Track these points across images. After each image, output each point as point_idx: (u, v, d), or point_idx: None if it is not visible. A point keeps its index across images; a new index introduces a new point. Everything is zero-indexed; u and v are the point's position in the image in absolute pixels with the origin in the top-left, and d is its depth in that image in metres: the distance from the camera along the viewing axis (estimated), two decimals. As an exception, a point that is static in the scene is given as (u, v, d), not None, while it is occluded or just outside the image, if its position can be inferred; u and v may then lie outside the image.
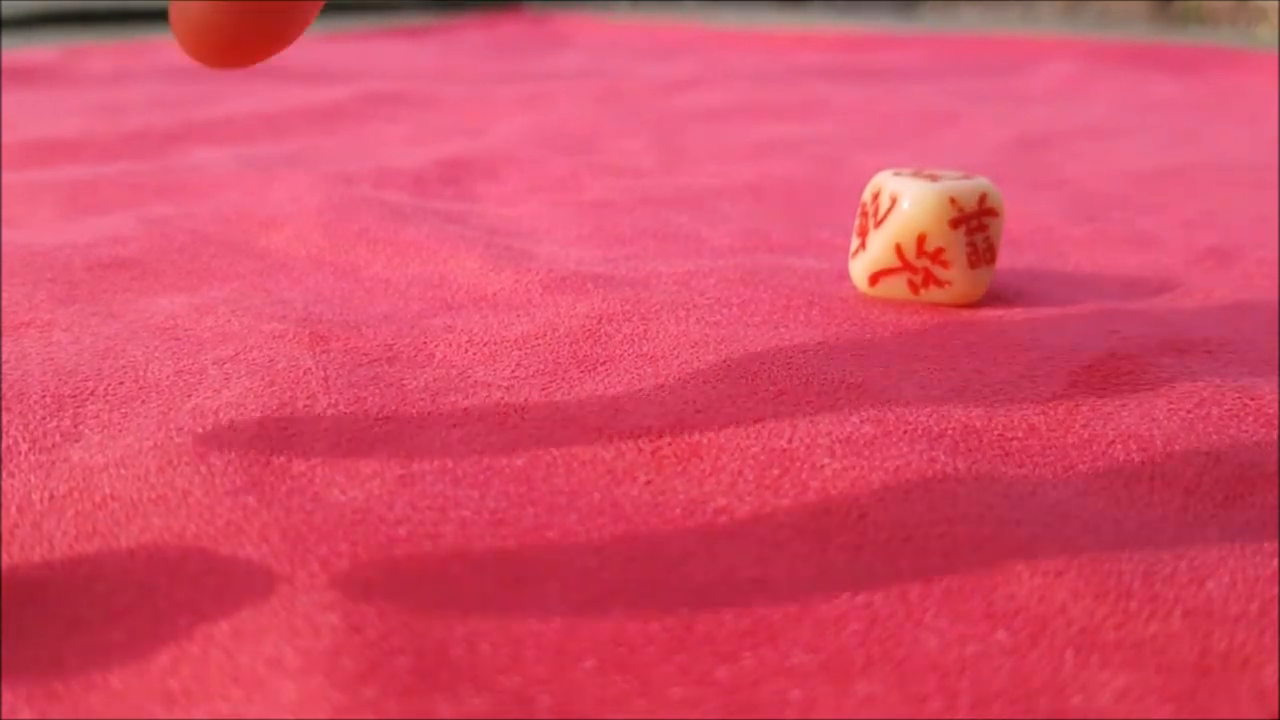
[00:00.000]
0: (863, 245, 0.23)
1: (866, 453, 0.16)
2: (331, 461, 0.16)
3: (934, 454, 0.16)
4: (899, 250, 0.23)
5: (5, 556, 0.14)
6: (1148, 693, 0.11)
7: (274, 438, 0.17)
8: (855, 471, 0.15)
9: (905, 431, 0.17)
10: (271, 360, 0.20)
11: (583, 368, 0.20)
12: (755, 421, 0.17)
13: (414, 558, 0.14)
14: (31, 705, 0.11)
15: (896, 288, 0.23)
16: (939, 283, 0.23)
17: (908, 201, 0.22)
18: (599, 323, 0.22)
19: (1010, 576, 0.13)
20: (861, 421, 0.17)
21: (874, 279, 0.23)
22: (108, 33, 0.92)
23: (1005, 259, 0.28)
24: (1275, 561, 0.13)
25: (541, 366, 0.20)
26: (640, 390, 0.19)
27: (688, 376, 0.19)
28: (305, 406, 0.18)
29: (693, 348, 0.20)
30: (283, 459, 0.16)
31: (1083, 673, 0.12)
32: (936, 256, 0.23)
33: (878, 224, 0.23)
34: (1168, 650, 0.12)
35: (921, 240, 0.22)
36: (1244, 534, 0.14)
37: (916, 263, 0.23)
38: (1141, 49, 0.82)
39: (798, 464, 0.16)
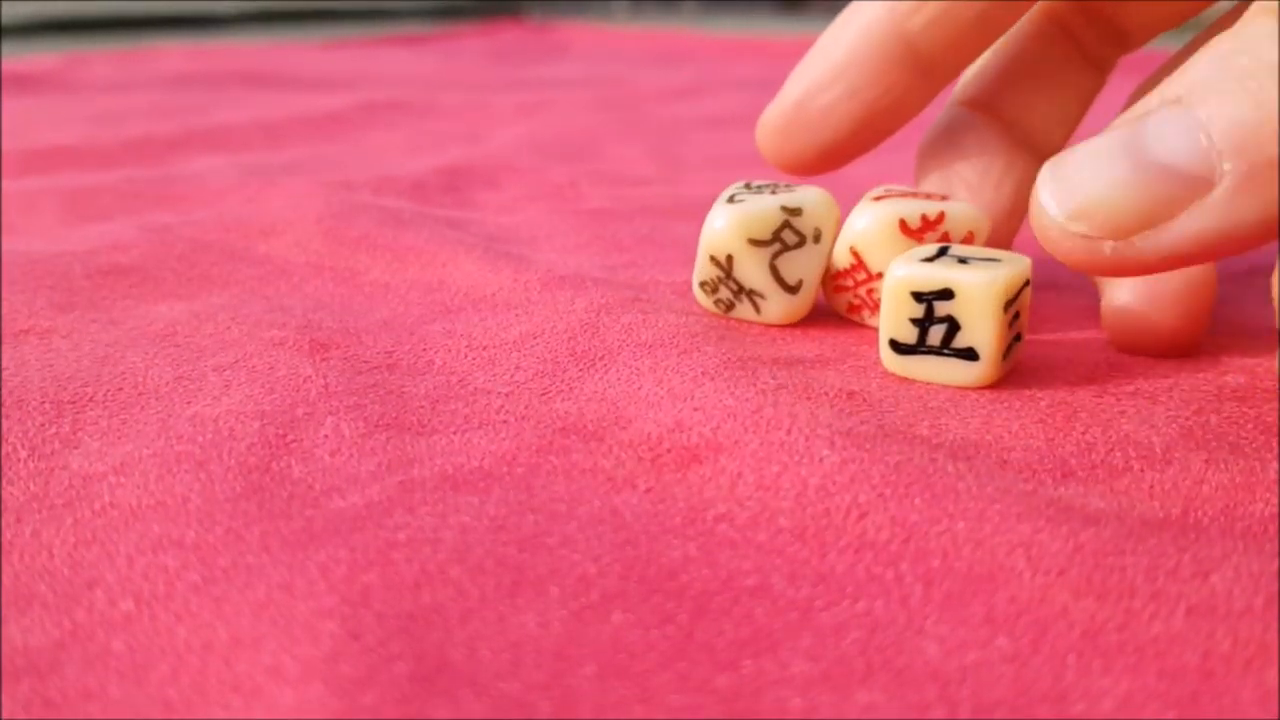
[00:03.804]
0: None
1: (868, 446, 0.16)
2: (331, 468, 0.16)
3: (934, 455, 0.16)
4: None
5: (4, 564, 0.14)
6: (1150, 698, 0.11)
7: (273, 445, 0.17)
8: (856, 465, 0.15)
9: (904, 434, 0.17)
10: (271, 367, 0.20)
11: (581, 365, 0.20)
12: (753, 412, 0.17)
13: (413, 564, 0.14)
14: (29, 713, 0.11)
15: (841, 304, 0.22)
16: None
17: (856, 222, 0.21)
18: (597, 314, 0.21)
19: (1011, 576, 0.13)
20: (861, 421, 0.17)
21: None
22: (108, 40, 0.92)
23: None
24: (1277, 563, 0.13)
25: (540, 368, 0.20)
26: (639, 387, 0.18)
27: (686, 368, 0.19)
28: (304, 413, 0.18)
29: (691, 338, 0.20)
30: (282, 466, 0.16)
31: (1085, 679, 0.12)
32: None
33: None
34: (1170, 653, 0.12)
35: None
36: (1245, 537, 0.14)
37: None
38: (1140, 53, 0.82)
39: (797, 458, 0.16)
